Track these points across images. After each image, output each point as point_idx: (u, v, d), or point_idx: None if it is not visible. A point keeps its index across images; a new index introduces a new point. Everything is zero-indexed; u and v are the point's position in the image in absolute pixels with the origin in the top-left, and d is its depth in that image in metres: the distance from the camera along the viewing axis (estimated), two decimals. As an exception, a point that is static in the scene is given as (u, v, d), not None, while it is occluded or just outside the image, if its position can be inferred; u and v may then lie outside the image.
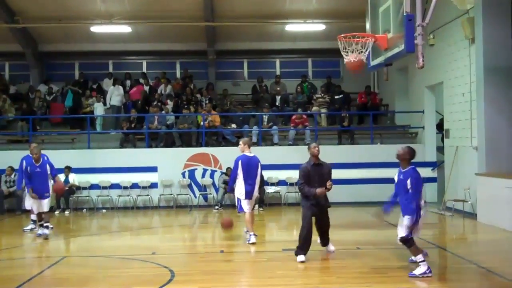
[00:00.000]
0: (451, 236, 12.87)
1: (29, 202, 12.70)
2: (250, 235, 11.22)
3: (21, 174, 12.97)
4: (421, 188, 8.45)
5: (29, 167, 12.38)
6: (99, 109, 20.01)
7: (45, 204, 12.48)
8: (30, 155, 12.63)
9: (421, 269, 8.30)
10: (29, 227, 13.09)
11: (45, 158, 12.79)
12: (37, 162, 12.47)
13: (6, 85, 21.90)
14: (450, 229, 13.65)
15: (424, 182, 17.26)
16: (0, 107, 19.97)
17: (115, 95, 20.49)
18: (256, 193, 11.41)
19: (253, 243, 11.01)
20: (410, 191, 8.36)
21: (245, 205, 11.22)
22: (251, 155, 11.35)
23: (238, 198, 11.34)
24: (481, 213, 13.59)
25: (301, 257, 9.20)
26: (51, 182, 12.74)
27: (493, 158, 13.54)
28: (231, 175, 11.57)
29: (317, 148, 9.46)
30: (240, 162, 11.16)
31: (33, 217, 12.99)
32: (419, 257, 8.39)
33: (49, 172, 12.64)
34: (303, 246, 9.27)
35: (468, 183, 14.32)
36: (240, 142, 11.67)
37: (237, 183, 11.22)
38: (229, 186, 12.04)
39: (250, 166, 11.19)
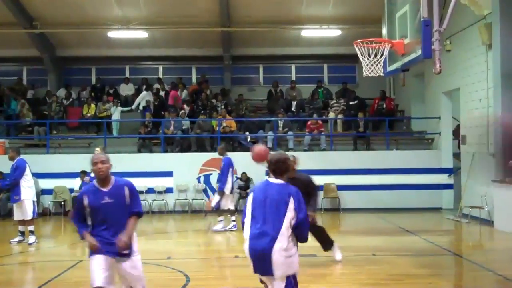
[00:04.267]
0: (467, 243, 12.79)
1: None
2: None
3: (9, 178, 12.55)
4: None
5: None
6: (116, 114, 20.14)
7: (19, 210, 12.06)
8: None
9: (219, 225, 13.51)
10: (17, 239, 12.26)
11: (21, 160, 12.19)
12: (10, 160, 12.16)
13: (24, 90, 22.17)
14: (466, 236, 13.56)
15: (440, 189, 17.54)
16: (18, 112, 20.20)
17: (146, 99, 20.61)
18: None
19: None
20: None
21: None
22: None
23: None
24: (498, 220, 13.47)
25: None
26: (25, 185, 12.14)
27: (511, 164, 13.42)
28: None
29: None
30: None
31: (21, 228, 12.38)
32: (220, 218, 13.42)
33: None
34: None
35: (484, 189, 14.20)
36: (97, 149, 13.21)
37: None
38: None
39: None
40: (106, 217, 5.52)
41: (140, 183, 17.60)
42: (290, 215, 5.00)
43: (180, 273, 8.85)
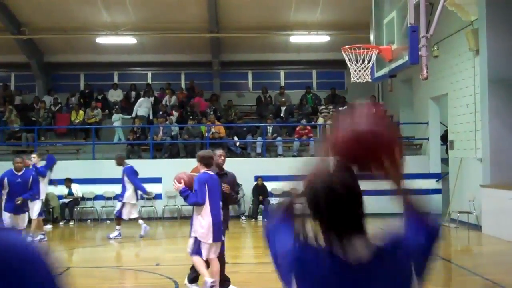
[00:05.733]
0: (455, 248, 12.83)
1: (5, 218, 11.57)
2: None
3: None
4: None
5: (6, 177, 11.21)
6: (118, 122, 20.07)
7: (22, 220, 11.53)
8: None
9: (115, 233, 13.50)
10: None
11: (33, 171, 11.97)
12: (18, 171, 11.36)
13: (11, 96, 22.02)
14: (454, 241, 13.61)
15: (429, 194, 17.50)
16: (5, 118, 20.08)
17: (143, 106, 20.51)
18: None
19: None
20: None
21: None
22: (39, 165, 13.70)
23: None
24: (486, 224, 13.54)
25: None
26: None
27: (498, 169, 13.50)
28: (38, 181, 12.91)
29: (222, 158, 8.63)
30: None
31: None
32: (118, 227, 13.52)
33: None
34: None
35: (472, 194, 14.28)
36: (34, 155, 13.79)
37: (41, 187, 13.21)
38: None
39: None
40: None
41: (128, 189, 17.53)
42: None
43: (169, 279, 8.81)
